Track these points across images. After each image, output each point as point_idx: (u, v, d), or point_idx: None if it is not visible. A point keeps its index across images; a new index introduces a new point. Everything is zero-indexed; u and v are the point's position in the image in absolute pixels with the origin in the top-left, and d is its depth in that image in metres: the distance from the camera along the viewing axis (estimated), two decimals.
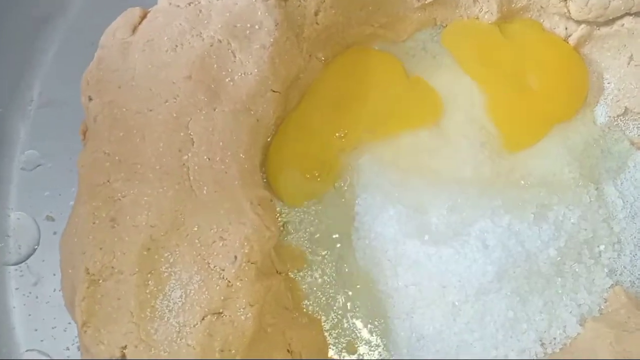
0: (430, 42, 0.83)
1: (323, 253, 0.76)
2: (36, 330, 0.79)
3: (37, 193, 0.85)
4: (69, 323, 0.76)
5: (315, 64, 0.82)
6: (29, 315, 0.80)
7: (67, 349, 0.78)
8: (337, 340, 0.73)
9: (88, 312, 0.62)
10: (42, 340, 0.78)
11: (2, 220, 0.84)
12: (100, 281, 0.63)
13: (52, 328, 0.78)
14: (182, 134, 0.67)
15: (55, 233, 0.83)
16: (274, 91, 0.72)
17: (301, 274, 0.75)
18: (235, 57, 0.70)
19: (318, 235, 0.76)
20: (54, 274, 0.79)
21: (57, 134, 0.86)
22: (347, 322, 0.74)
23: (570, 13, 0.77)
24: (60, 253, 0.70)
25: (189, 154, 0.66)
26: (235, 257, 0.63)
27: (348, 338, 0.73)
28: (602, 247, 0.72)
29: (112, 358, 0.62)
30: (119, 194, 0.65)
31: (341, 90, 0.78)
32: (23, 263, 0.82)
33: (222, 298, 0.62)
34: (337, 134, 0.76)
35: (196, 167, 0.66)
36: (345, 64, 0.79)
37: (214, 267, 0.63)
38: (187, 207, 0.64)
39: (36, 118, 0.89)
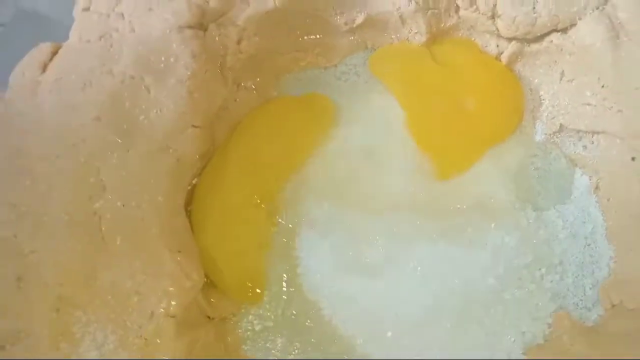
0: (362, 66, 0.81)
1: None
2: None
3: None
4: None
5: (245, 93, 0.79)
6: None
7: None
8: None
9: None
10: None
11: None
12: (7, 347, 0.58)
13: None
14: (92, 180, 0.62)
15: None
16: (195, 126, 0.68)
17: (236, 317, 0.71)
18: (149, 93, 0.66)
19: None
20: None
21: None
22: None
23: (499, 30, 0.76)
24: None
25: (101, 202, 0.62)
26: (152, 312, 0.58)
27: None
28: (543, 270, 0.70)
29: None
30: (27, 250, 0.60)
31: (243, 153, 0.74)
32: None
33: (140, 357, 0.57)
34: (255, 201, 0.72)
35: (108, 216, 0.61)
36: (242, 130, 0.76)
37: (131, 324, 0.58)
38: (99, 260, 0.60)
39: None
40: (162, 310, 0.58)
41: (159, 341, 0.58)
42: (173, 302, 0.59)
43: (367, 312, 0.68)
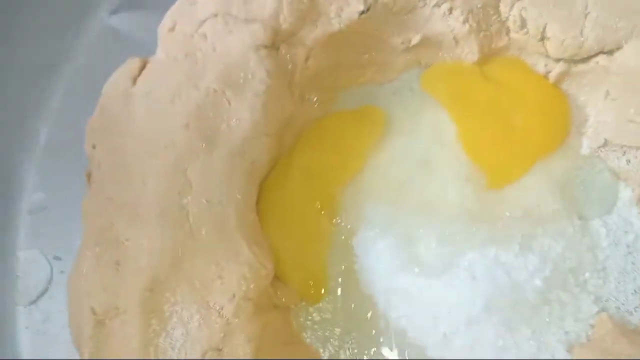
0: (415, 81, 0.87)
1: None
2: None
3: (44, 234, 0.89)
4: None
5: (309, 106, 0.87)
6: (39, 352, 0.83)
7: None
8: None
9: (94, 351, 0.65)
10: None
11: (12, 260, 0.88)
12: (106, 321, 0.67)
13: None
14: (180, 178, 0.71)
15: (62, 272, 0.87)
16: (267, 135, 0.76)
17: (298, 308, 0.78)
18: (230, 104, 0.75)
19: None
20: (62, 312, 0.82)
21: (63, 177, 0.90)
22: (344, 353, 0.76)
23: (547, 52, 0.81)
24: (67, 293, 0.74)
25: (188, 198, 0.70)
26: (233, 295, 0.66)
27: None
28: (587, 275, 0.75)
29: None
30: (123, 238, 0.69)
31: (305, 163, 0.81)
32: (33, 304, 0.86)
33: (221, 335, 0.65)
34: (316, 206, 0.79)
35: (195, 210, 0.69)
36: (305, 140, 0.83)
37: (213, 305, 0.66)
38: (186, 248, 0.68)
39: (43, 162, 0.93)
40: (241, 293, 0.66)
41: (237, 321, 0.65)
42: (251, 286, 0.66)
43: (420, 308, 0.73)
